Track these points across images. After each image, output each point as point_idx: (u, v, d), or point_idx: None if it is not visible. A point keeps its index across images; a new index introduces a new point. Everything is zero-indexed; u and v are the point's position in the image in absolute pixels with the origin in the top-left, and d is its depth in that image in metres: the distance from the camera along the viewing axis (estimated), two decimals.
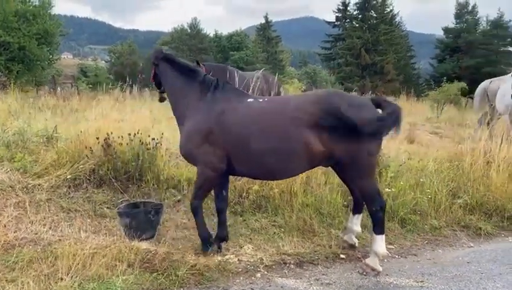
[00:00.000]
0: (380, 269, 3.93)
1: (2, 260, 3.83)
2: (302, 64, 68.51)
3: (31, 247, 4.12)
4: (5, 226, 4.51)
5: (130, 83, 8.13)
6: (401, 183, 5.19)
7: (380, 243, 3.91)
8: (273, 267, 4.05)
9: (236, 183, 5.37)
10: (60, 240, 4.31)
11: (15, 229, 4.50)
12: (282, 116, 3.80)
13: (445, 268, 4.09)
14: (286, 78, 31.40)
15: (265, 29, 56.34)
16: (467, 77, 37.70)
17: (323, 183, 5.32)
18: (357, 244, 4.44)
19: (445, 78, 21.33)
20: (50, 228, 4.59)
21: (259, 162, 3.90)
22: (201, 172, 4.11)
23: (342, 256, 4.28)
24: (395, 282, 3.81)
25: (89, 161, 5.79)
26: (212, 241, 4.26)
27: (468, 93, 25.45)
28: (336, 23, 51.38)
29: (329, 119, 3.65)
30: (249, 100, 4.12)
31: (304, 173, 5.35)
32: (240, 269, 3.98)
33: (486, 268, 4.09)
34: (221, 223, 4.39)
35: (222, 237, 4.38)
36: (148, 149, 5.55)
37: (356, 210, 4.44)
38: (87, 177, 5.68)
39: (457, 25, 50.48)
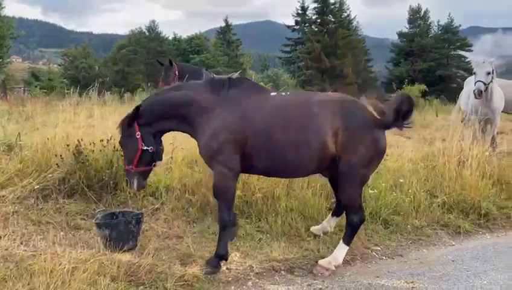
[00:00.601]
0: (333, 268, 3.97)
1: None
2: (262, 67, 68.97)
3: (2, 264, 3.80)
4: None
5: (97, 86, 7.75)
6: (383, 184, 5.24)
7: (342, 253, 4.03)
8: (264, 274, 3.94)
9: None
10: (33, 255, 4.00)
11: None
12: (306, 111, 3.86)
13: (432, 268, 4.14)
14: None
15: (225, 32, 56.27)
16: (420, 80, 39.29)
17: (305, 186, 5.27)
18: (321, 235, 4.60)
19: (406, 80, 22.15)
20: (21, 242, 4.27)
21: (282, 157, 3.85)
22: (219, 174, 3.91)
23: None
24: (386, 284, 3.80)
25: (57, 169, 5.48)
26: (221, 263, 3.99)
27: (424, 95, 26.52)
28: (295, 27, 52.07)
29: (345, 124, 3.79)
30: (272, 94, 4.15)
31: None
32: (230, 278, 3.85)
33: (470, 266, 4.18)
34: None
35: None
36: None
37: (336, 214, 4.59)
38: (57, 187, 5.37)
39: (411, 30, 52.61)
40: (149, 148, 4.06)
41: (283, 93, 4.24)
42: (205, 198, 5.17)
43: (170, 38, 59.82)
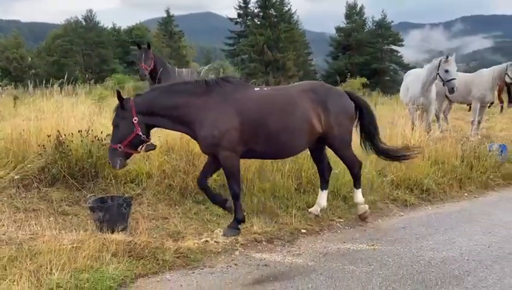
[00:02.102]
0: (367, 208, 5.21)
1: None
2: (205, 59, 68.65)
3: (5, 247, 4.03)
4: None
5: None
6: (342, 165, 5.94)
7: (360, 194, 5.22)
8: (248, 245, 4.49)
9: (195, 174, 5.67)
10: (32, 238, 4.26)
11: None
12: (290, 100, 4.65)
13: (387, 233, 4.90)
14: None
15: (167, 23, 55.34)
16: (357, 73, 41.40)
17: (275, 170, 5.85)
18: (320, 215, 5.22)
19: (345, 73, 23.61)
20: (15, 228, 4.49)
21: (275, 141, 4.59)
22: (225, 157, 4.51)
23: (303, 231, 4.86)
24: (352, 248, 4.49)
25: (34, 160, 5.65)
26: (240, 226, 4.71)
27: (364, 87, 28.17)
28: (237, 20, 52.52)
29: (322, 105, 4.69)
30: (256, 89, 4.89)
31: (256, 161, 5.86)
32: (220, 249, 4.34)
33: (418, 231, 4.98)
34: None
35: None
36: (104, 145, 5.57)
37: (323, 187, 5.30)
38: (36, 177, 5.55)
39: (348, 25, 54.91)
40: (142, 135, 4.48)
41: (264, 88, 5.01)
42: (184, 182, 5.59)
43: (109, 28, 58.03)
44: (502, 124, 12.17)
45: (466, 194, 6.55)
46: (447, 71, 8.26)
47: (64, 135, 5.55)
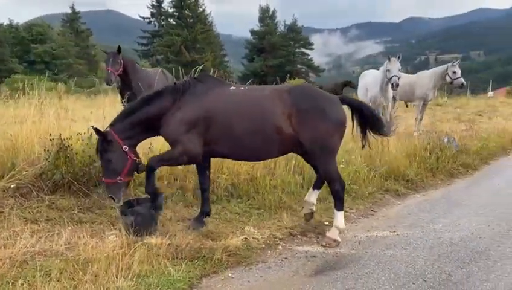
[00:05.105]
0: (340, 240, 4.53)
1: (28, 276, 3.40)
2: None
3: (45, 260, 3.70)
4: None
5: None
6: (342, 160, 6.31)
7: (341, 219, 4.56)
8: (286, 239, 4.61)
9: None
10: (68, 248, 3.95)
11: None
12: (258, 102, 4.39)
13: (399, 220, 5.35)
14: None
15: (73, 20, 51.96)
16: (272, 75, 42.76)
17: (283, 166, 6.02)
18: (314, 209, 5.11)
19: (288, 75, 24.31)
20: (44, 239, 4.09)
21: (242, 143, 4.34)
22: (178, 154, 4.33)
23: (326, 223, 5.09)
24: (378, 235, 4.85)
25: (25, 166, 5.18)
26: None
27: None
28: (150, 19, 51.18)
29: (296, 107, 4.29)
30: (231, 88, 4.59)
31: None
32: (263, 245, 4.41)
33: (423, 217, 5.50)
34: (206, 200, 4.83)
35: (207, 212, 4.84)
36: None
37: (316, 187, 5.14)
38: (34, 184, 5.08)
39: (262, 28, 56.36)
40: (137, 159, 4.47)
41: (241, 88, 4.67)
42: (196, 183, 5.49)
43: (5, 24, 52.85)
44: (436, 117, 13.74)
45: (439, 182, 7.30)
46: (388, 70, 9.20)
47: (66, 138, 5.15)
